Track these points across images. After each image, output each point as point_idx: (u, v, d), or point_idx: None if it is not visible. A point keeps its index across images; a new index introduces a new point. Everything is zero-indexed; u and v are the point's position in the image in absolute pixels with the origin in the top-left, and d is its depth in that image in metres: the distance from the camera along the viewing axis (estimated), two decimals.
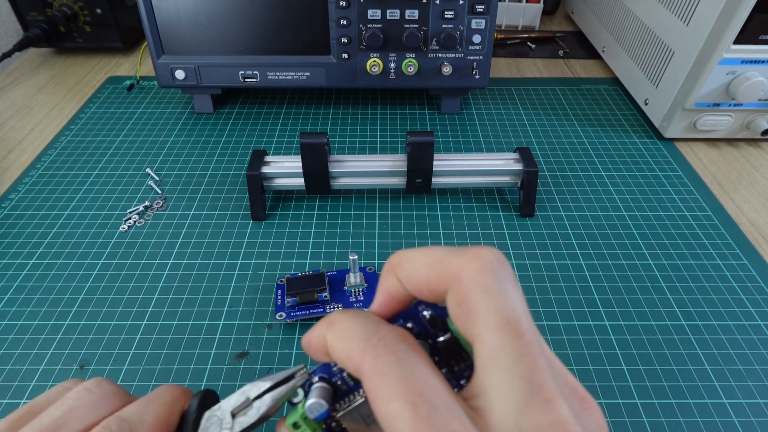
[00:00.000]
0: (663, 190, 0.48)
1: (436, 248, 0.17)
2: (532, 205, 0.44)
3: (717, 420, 0.31)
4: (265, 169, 0.43)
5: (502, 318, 0.15)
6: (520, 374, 0.14)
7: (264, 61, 0.53)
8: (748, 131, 0.53)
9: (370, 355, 0.15)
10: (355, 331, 0.17)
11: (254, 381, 0.19)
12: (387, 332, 0.16)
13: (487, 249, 0.16)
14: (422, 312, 0.18)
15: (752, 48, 0.46)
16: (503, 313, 0.15)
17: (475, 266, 0.16)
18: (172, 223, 0.44)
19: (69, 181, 0.49)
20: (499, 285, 0.15)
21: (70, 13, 0.65)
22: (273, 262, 0.41)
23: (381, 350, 0.15)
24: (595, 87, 0.63)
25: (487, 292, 0.15)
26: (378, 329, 0.16)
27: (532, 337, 0.15)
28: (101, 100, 0.60)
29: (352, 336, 0.16)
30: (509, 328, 0.15)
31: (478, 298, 0.15)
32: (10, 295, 0.38)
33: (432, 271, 0.17)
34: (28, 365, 0.34)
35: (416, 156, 0.42)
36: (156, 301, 0.38)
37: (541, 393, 0.14)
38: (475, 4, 0.49)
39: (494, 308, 0.15)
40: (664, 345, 0.35)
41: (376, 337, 0.16)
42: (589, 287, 0.39)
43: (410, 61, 0.52)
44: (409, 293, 0.18)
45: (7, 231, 0.43)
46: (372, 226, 0.44)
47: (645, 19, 0.57)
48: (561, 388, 0.14)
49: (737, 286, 0.39)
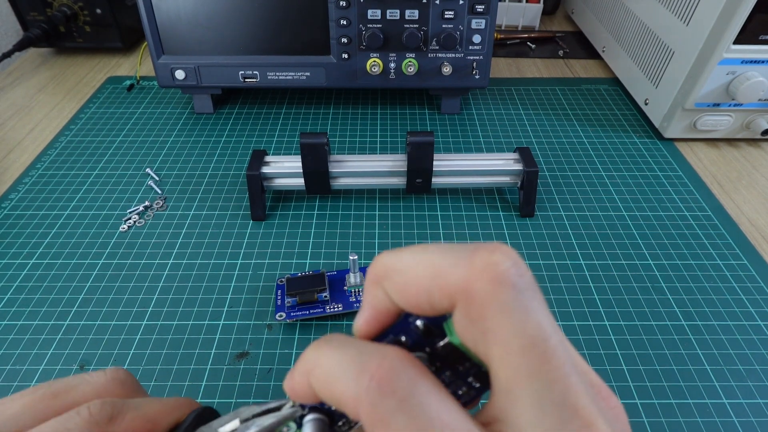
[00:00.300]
0: (663, 190, 0.48)
1: (430, 251, 0.14)
2: (532, 205, 0.44)
3: (717, 420, 0.31)
4: (265, 169, 0.43)
5: (527, 339, 0.13)
6: (552, 401, 0.12)
7: (264, 61, 0.53)
8: (748, 131, 0.53)
9: (366, 402, 0.13)
10: (340, 372, 0.14)
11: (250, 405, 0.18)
12: (379, 365, 0.13)
13: (499, 251, 0.14)
14: (414, 323, 0.15)
15: (752, 48, 0.46)
16: (527, 333, 0.13)
17: (488, 278, 0.13)
18: (172, 223, 0.44)
19: (69, 181, 0.49)
20: (520, 300, 0.13)
21: (70, 13, 0.65)
22: (273, 262, 0.41)
23: (377, 394, 0.13)
24: (595, 87, 0.63)
25: (506, 311, 0.13)
26: (368, 362, 0.13)
27: (563, 356, 0.13)
28: (101, 100, 0.60)
29: (339, 380, 0.14)
30: (536, 350, 0.13)
31: (496, 317, 0.13)
32: (10, 295, 0.38)
33: (432, 286, 0.14)
34: (28, 365, 0.34)
35: (416, 156, 0.42)
36: (156, 301, 0.38)
37: (578, 418, 0.12)
38: (475, 4, 0.49)
39: (517, 329, 0.13)
40: (664, 345, 0.35)
41: (367, 376, 0.13)
42: (589, 287, 0.39)
43: (410, 61, 0.52)
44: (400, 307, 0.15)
45: (7, 231, 0.43)
46: (372, 226, 0.44)
47: (645, 19, 0.57)
48: (596, 402, 0.13)
49: (737, 286, 0.39)
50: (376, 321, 0.16)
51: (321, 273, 0.37)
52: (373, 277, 0.16)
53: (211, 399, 0.32)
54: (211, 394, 0.32)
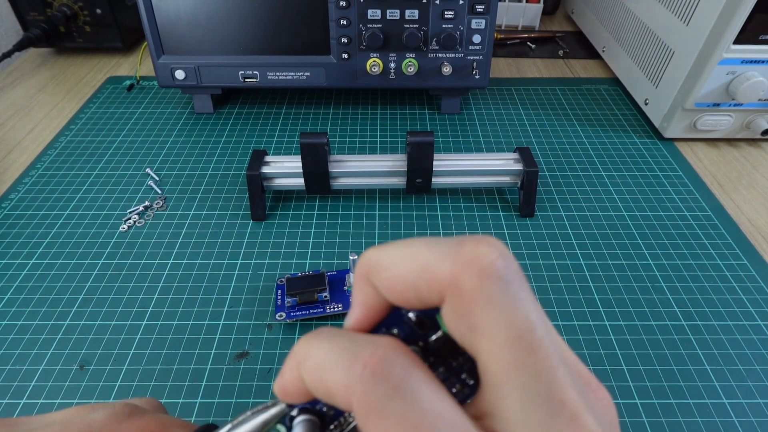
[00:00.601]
0: (663, 190, 0.48)
1: (416, 245, 0.14)
2: (532, 205, 0.44)
3: (717, 420, 0.31)
4: (265, 169, 0.43)
5: (514, 331, 0.13)
6: (539, 393, 0.12)
7: (264, 61, 0.53)
8: (748, 131, 0.53)
9: (358, 389, 0.13)
10: (332, 362, 0.14)
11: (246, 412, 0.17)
12: (372, 353, 0.13)
13: (485, 243, 0.13)
14: (406, 315, 0.15)
15: (752, 48, 0.46)
16: (514, 326, 0.13)
17: (475, 271, 0.13)
18: (172, 223, 0.44)
19: (69, 181, 0.49)
20: (506, 292, 0.13)
21: (70, 13, 0.65)
22: (273, 262, 0.41)
23: (370, 381, 0.13)
24: (595, 87, 0.63)
25: (493, 303, 0.13)
26: (360, 351, 0.13)
27: (550, 347, 0.13)
28: (101, 100, 0.60)
29: (330, 369, 0.13)
30: (523, 342, 0.13)
31: (483, 311, 0.13)
32: (10, 295, 0.38)
33: (419, 280, 0.14)
34: (28, 365, 0.34)
35: (416, 156, 0.42)
36: (156, 301, 0.38)
37: (565, 410, 0.12)
38: (475, 4, 0.49)
39: (504, 321, 0.13)
40: (664, 345, 0.35)
41: (359, 363, 0.13)
42: (589, 287, 0.39)
43: (410, 61, 0.52)
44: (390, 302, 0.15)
45: (7, 231, 0.43)
46: (372, 226, 0.44)
47: (645, 19, 0.57)
48: (583, 394, 0.13)
49: (737, 286, 0.39)
50: (366, 317, 0.16)
51: (321, 273, 0.37)
52: (361, 273, 0.16)
53: (211, 399, 0.32)
54: (211, 394, 0.32)
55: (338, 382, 0.13)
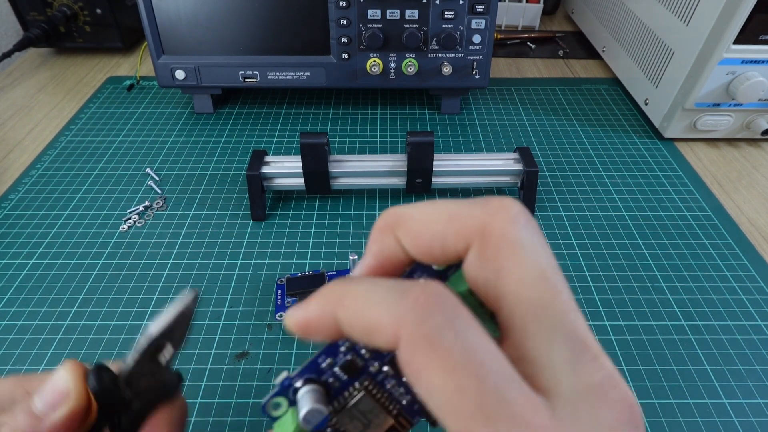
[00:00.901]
0: (663, 190, 0.48)
1: (442, 202, 0.15)
2: (532, 206, 0.44)
3: (717, 420, 0.31)
4: (265, 169, 0.43)
5: (540, 271, 0.13)
6: (564, 333, 0.13)
7: (264, 61, 0.53)
8: (748, 131, 0.53)
9: (409, 320, 0.13)
10: (379, 296, 0.13)
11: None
12: (422, 290, 0.13)
13: (509, 199, 0.15)
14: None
15: (752, 48, 0.46)
16: (540, 266, 0.14)
17: (504, 218, 0.14)
18: (172, 223, 0.44)
19: (69, 181, 0.49)
20: (533, 236, 0.14)
21: (70, 13, 0.65)
22: (273, 262, 0.41)
23: (422, 312, 0.13)
24: (595, 87, 0.63)
25: (521, 245, 0.14)
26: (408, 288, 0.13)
27: (568, 291, 0.14)
28: (101, 100, 0.60)
29: (376, 304, 0.13)
30: (549, 282, 0.13)
31: (511, 253, 0.14)
32: (10, 295, 0.38)
33: (449, 228, 0.14)
34: (28, 365, 0.34)
35: (416, 156, 0.42)
36: (156, 301, 0.38)
37: (589, 350, 0.13)
38: (475, 4, 0.49)
39: (531, 262, 0.14)
40: (664, 345, 0.35)
41: (409, 296, 0.13)
42: (589, 287, 0.39)
43: (410, 61, 0.52)
44: (407, 257, 0.16)
45: (7, 231, 0.43)
46: (372, 226, 0.44)
47: (645, 19, 0.57)
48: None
49: (737, 286, 0.39)
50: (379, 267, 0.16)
51: (321, 273, 0.37)
52: (383, 225, 0.16)
53: (211, 399, 0.32)
54: (211, 394, 0.32)
55: (384, 317, 0.13)
